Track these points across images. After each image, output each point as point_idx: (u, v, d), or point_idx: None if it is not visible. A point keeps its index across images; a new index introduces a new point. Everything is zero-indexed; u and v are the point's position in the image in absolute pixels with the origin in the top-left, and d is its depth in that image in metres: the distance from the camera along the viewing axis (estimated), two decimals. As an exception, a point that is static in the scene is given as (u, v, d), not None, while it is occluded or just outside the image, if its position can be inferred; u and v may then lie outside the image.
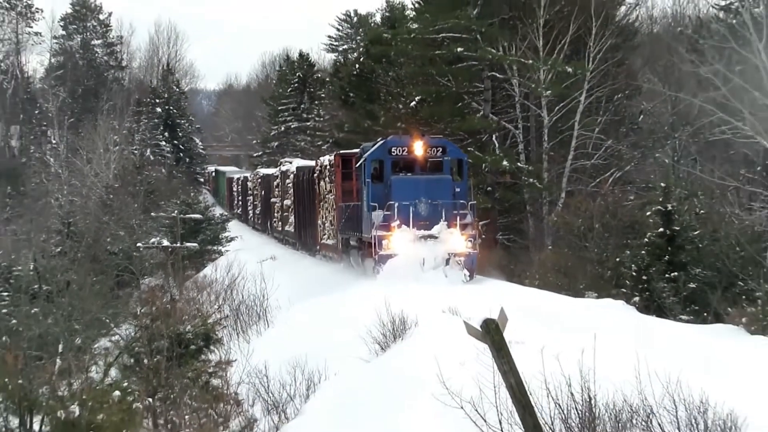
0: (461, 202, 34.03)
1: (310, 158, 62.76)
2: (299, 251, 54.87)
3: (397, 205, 32.95)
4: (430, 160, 35.56)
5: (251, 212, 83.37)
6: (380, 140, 37.68)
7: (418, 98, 53.84)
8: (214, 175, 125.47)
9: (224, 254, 51.18)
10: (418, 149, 35.23)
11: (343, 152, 44.14)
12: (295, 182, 55.50)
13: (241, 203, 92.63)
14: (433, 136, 37.89)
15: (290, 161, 62.44)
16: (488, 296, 24.00)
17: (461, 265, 32.51)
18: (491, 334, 10.15)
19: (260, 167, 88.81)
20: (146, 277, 45.67)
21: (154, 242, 44.74)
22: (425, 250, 32.34)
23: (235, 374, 22.62)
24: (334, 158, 43.11)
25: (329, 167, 44.26)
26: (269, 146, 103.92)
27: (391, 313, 19.45)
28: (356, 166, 38.61)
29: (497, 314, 10.35)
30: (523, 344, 14.33)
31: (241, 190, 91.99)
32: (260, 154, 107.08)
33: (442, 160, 35.56)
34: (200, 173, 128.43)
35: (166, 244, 42.94)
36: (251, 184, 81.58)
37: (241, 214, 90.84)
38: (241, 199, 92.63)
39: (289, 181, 57.55)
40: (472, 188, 37.38)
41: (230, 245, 56.60)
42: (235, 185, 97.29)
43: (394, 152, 35.58)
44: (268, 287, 33.13)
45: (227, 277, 37.12)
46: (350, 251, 39.95)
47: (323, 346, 21.30)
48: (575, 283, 36.04)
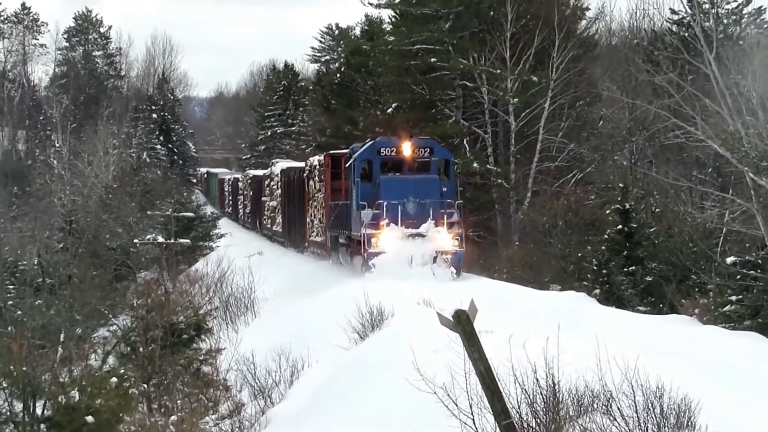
0: (448, 201, 33.00)
1: (295, 160, 62.41)
2: (287, 248, 53.93)
3: (385, 204, 32.03)
4: (417, 160, 34.64)
5: (241, 211, 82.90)
6: (369, 141, 36.89)
7: (394, 105, 53.82)
8: (205, 176, 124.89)
9: (215, 250, 51.01)
10: (406, 150, 34.26)
11: (332, 152, 43.00)
12: (284, 181, 54.57)
13: (231, 202, 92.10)
14: (420, 137, 37.10)
15: (280, 162, 62.02)
16: (460, 289, 23.91)
17: (448, 263, 31.48)
18: (462, 324, 10.07)
19: (249, 169, 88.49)
20: (142, 271, 45.59)
21: (149, 239, 44.75)
22: (413, 248, 31.40)
23: (224, 362, 22.61)
24: (324, 158, 42.02)
25: (319, 167, 43.10)
26: (257, 149, 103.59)
27: (369, 304, 19.36)
28: (346, 166, 37.45)
29: (468, 305, 10.27)
30: (492, 333, 14.27)
31: (231, 190, 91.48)
32: (249, 156, 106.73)
33: (429, 160, 34.77)
34: (193, 175, 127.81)
35: (160, 240, 42.90)
36: (242, 184, 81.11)
37: (231, 213, 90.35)
38: (231, 198, 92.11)
39: (278, 180, 56.56)
40: (458, 188, 36.30)
41: (220, 241, 56.38)
42: (226, 185, 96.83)
43: (382, 152, 34.63)
44: (256, 281, 33.10)
45: (217, 271, 37.04)
46: (339, 248, 38.76)
47: (306, 335, 21.24)
48: (540, 276, 36.04)
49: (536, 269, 37.14)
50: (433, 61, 49.94)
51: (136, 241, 45.96)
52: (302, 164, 50.88)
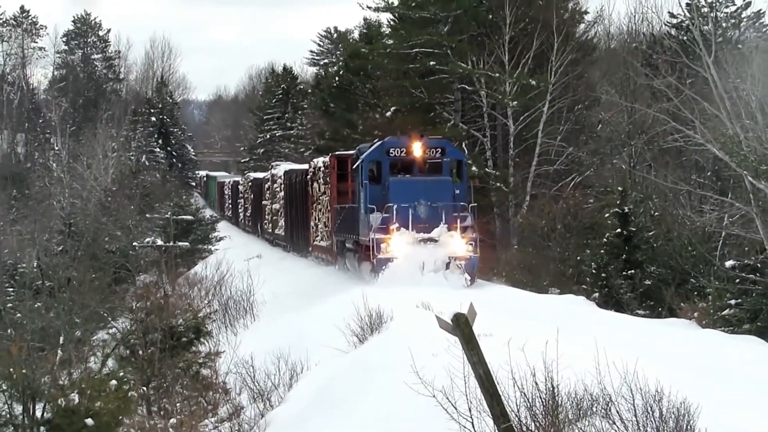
0: (461, 204, 31.51)
1: (294, 163, 62.23)
2: (290, 253, 52.72)
3: (395, 207, 30.41)
4: (428, 161, 32.78)
5: (242, 214, 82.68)
6: (377, 141, 35.51)
7: (393, 108, 53.74)
8: (205, 179, 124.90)
9: (213, 253, 50.95)
10: (416, 150, 32.42)
11: (338, 153, 41.00)
12: (287, 184, 53.74)
13: (231, 206, 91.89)
14: (431, 137, 35.06)
15: (281, 164, 61.78)
16: (460, 293, 23.89)
17: (462, 269, 29.74)
18: (461, 327, 10.08)
19: (248, 172, 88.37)
20: (141, 274, 45.57)
21: (148, 241, 44.64)
22: (425, 253, 29.67)
23: (223, 365, 22.58)
24: (329, 159, 40.21)
25: (323, 169, 41.48)
26: (256, 153, 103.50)
27: (368, 307, 19.32)
28: (353, 167, 35.18)
29: (467, 309, 10.27)
30: (491, 337, 14.23)
31: (231, 193, 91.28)
32: (247, 159, 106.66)
33: (441, 161, 32.83)
34: (192, 178, 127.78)
35: (159, 243, 42.81)
36: (242, 187, 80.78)
37: (231, 216, 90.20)
38: (231, 201, 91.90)
39: (281, 183, 55.93)
40: (472, 190, 34.56)
41: (219, 244, 56.30)
42: (226, 189, 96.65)
43: (392, 153, 32.77)
44: (255, 284, 33.03)
45: (216, 274, 37.01)
46: (345, 254, 36.45)
47: (305, 338, 21.21)
48: (539, 280, 36.00)
49: (535, 273, 37.10)
50: (431, 64, 49.92)
51: (135, 244, 45.85)
52: (305, 166, 49.92)
